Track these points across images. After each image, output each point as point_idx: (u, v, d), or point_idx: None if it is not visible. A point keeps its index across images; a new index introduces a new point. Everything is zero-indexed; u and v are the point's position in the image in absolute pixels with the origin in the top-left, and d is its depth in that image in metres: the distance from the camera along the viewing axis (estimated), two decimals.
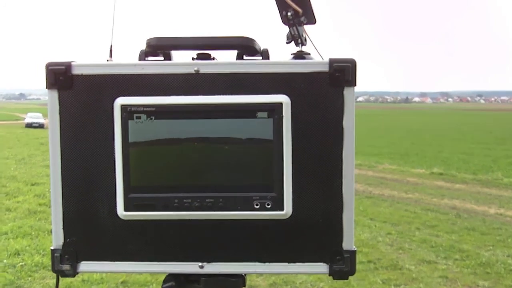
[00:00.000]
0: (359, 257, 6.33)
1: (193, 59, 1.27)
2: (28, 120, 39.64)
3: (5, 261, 6.28)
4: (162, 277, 1.30)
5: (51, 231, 1.26)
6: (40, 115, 40.61)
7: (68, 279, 5.19)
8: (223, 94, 1.19)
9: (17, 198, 10.28)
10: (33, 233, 7.58)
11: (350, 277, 1.25)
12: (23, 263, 6.17)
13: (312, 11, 1.32)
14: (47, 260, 5.89)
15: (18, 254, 6.55)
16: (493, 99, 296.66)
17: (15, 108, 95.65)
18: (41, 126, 37.60)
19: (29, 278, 5.72)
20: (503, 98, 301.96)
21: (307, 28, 1.35)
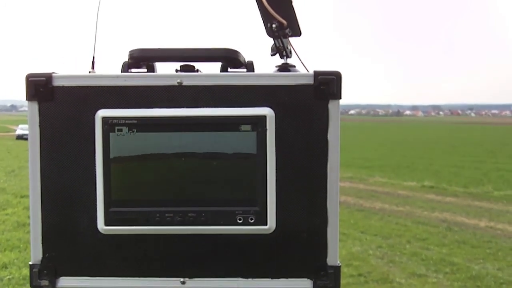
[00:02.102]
0: (349, 270, 6.36)
1: (176, 71, 1.26)
2: (19, 132, 39.46)
3: None
4: None
5: None
6: None
7: None
8: (206, 106, 1.18)
9: (6, 210, 10.19)
10: (21, 245, 7.50)
11: None
12: (10, 276, 6.10)
13: (297, 23, 1.31)
14: None
15: (6, 267, 6.48)
16: (483, 112, 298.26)
17: (6, 120, 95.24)
18: None
19: None
20: (493, 111, 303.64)
21: (293, 40, 1.34)
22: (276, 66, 1.29)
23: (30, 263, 1.22)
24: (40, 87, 1.19)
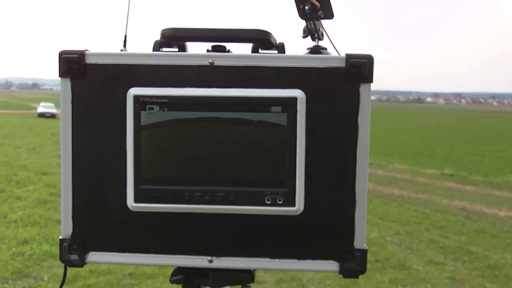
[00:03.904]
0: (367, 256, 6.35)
1: (207, 51, 1.26)
2: (40, 109, 39.92)
3: (13, 249, 6.31)
4: (170, 270, 1.29)
5: (60, 221, 1.25)
6: (53, 105, 40.95)
7: (76, 269, 5.21)
8: (237, 87, 1.18)
9: (27, 187, 10.33)
10: (42, 222, 7.62)
11: None
12: (31, 252, 6.20)
13: (330, 5, 1.30)
14: (56, 250, 5.91)
15: (27, 243, 6.59)
16: (506, 101, 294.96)
17: (28, 98, 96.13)
18: (53, 116, 37.88)
19: (37, 267, 5.74)
20: None
21: (324, 23, 1.33)
22: (307, 48, 1.28)
23: (60, 237, 1.24)
24: (73, 64, 1.20)
